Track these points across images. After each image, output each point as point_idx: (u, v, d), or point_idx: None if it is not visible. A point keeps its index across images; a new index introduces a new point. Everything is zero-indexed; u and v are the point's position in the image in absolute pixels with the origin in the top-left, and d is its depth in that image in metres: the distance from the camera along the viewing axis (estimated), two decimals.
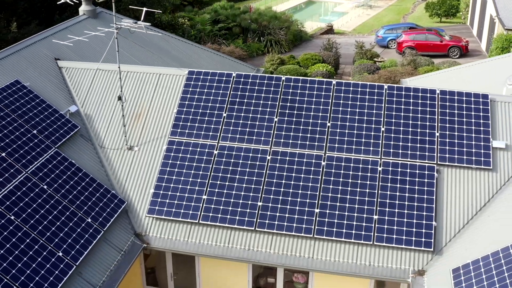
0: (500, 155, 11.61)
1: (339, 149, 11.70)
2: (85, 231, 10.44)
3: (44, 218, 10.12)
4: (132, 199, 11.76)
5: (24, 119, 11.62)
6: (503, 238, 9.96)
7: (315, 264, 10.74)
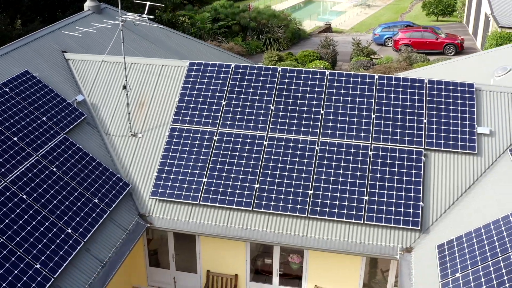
0: (485, 141, 12.26)
1: (332, 135, 12.36)
2: (92, 210, 11.10)
3: (54, 197, 10.78)
4: (136, 182, 12.42)
5: (34, 107, 12.28)
6: (485, 216, 10.61)
7: (309, 242, 11.40)
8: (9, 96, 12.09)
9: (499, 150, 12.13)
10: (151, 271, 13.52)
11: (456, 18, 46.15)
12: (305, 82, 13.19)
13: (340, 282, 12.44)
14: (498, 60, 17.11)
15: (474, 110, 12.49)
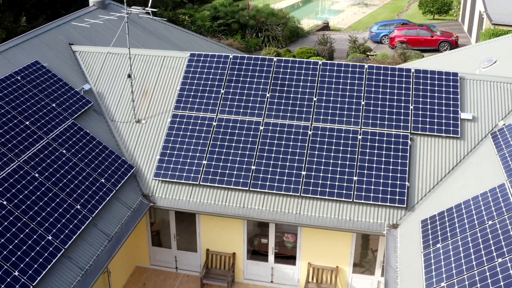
0: (467, 126, 13.04)
1: (324, 120, 13.14)
2: (99, 189, 11.88)
3: (64, 177, 11.56)
4: (140, 165, 13.21)
5: (44, 94, 13.07)
6: (466, 194, 11.38)
7: (302, 219, 12.18)
8: (21, 84, 12.88)
9: (481, 134, 12.90)
10: (154, 251, 14.30)
11: (452, 16, 46.95)
12: (299, 71, 13.98)
13: (332, 259, 13.21)
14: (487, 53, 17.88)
15: (458, 97, 13.27)
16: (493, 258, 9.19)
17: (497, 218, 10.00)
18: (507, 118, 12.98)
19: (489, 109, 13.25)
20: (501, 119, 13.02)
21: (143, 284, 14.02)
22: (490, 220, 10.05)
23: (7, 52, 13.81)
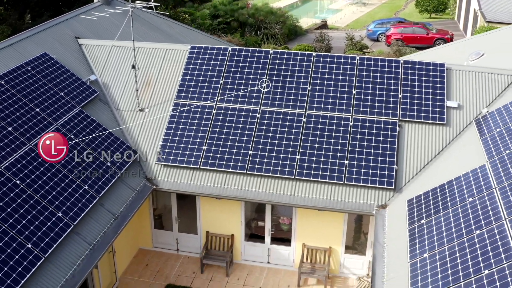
0: (453, 113, 13.78)
1: (317, 108, 13.89)
2: (105, 172, 12.63)
3: (72, 160, 12.31)
4: (143, 150, 13.96)
5: (53, 84, 13.82)
6: (450, 175, 12.11)
7: (296, 200, 12.92)
8: (31, 74, 13.63)
9: (466, 121, 13.63)
10: (156, 233, 15.05)
11: (448, 15, 47.72)
12: (294, 63, 14.73)
13: (325, 240, 13.95)
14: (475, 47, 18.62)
15: (444, 86, 14.01)
16: (472, 231, 9.93)
17: (477, 195, 10.74)
18: (491, 106, 13.72)
19: (474, 97, 13.98)
20: (485, 107, 13.76)
21: (146, 265, 14.77)
22: (471, 197, 10.79)
23: (17, 45, 14.57)
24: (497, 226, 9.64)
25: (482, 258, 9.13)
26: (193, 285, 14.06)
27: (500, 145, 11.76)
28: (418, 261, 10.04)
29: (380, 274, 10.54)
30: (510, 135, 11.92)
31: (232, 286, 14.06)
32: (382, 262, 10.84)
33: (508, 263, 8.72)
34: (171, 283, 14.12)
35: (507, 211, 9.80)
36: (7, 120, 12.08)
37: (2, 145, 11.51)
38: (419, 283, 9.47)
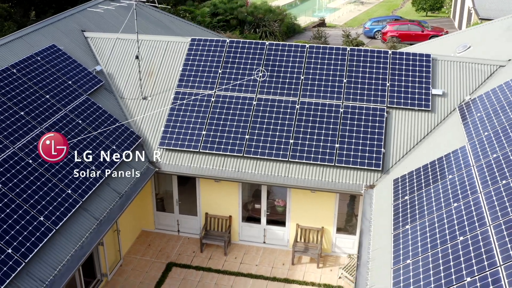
0: (438, 100, 14.62)
1: (310, 95, 14.74)
2: (112, 154, 13.48)
3: (80, 142, 13.16)
4: (146, 136, 14.81)
5: (61, 73, 14.67)
6: (433, 156, 12.95)
7: (289, 181, 13.76)
8: (41, 63, 14.48)
9: (450, 108, 14.47)
10: (158, 216, 15.89)
11: (444, 13, 48.58)
12: (288, 53, 15.58)
13: (318, 221, 14.78)
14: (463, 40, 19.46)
15: (429, 75, 14.85)
16: (450, 204, 10.76)
17: (457, 173, 11.58)
18: (474, 94, 14.55)
19: (458, 86, 14.82)
20: (468, 94, 14.60)
21: (148, 245, 15.61)
22: (450, 174, 11.64)
23: (27, 37, 15.43)
24: (473, 199, 10.47)
25: (458, 224, 9.97)
26: (193, 263, 14.90)
27: (480, 128, 12.60)
28: (400, 232, 10.89)
29: (366, 246, 11.38)
30: (489, 119, 12.76)
31: (230, 264, 14.90)
32: (368, 235, 11.67)
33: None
34: (172, 261, 14.97)
35: (483, 186, 10.64)
36: (19, 105, 12.94)
37: (20, 125, 12.36)
38: (401, 251, 10.32)
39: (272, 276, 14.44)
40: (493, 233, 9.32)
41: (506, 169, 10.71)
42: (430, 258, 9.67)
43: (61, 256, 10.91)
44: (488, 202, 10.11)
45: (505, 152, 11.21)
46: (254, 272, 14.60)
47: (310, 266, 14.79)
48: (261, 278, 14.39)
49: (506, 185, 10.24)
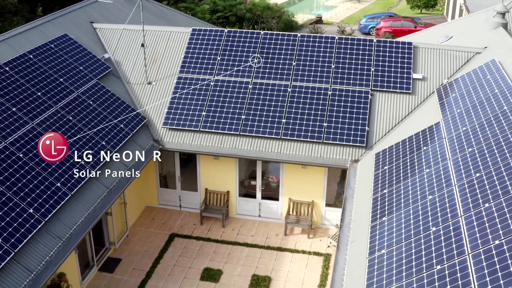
0: (418, 84, 15.94)
1: (301, 80, 16.07)
2: (120, 131, 14.81)
3: (91, 121, 14.50)
4: (151, 117, 16.14)
5: (73, 59, 16.01)
6: (411, 133, 14.26)
7: (282, 156, 15.09)
8: (54, 50, 15.82)
9: (429, 90, 15.79)
10: (161, 192, 17.22)
11: (438, 10, 49.91)
12: (282, 42, 16.91)
13: (309, 195, 16.09)
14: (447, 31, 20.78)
15: (411, 61, 16.18)
16: (423, 170, 12.09)
17: (431, 144, 12.91)
18: (451, 78, 15.87)
19: (437, 70, 16.14)
20: (446, 78, 15.92)
21: (152, 219, 16.95)
22: (425, 146, 12.96)
23: (41, 27, 16.77)
24: (443, 164, 11.80)
25: (428, 187, 11.31)
26: (193, 234, 16.23)
27: (453, 106, 13.92)
28: (378, 196, 12.21)
29: (349, 210, 12.69)
30: (462, 98, 14.07)
31: (227, 235, 16.22)
32: (351, 201, 12.99)
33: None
34: (175, 233, 16.30)
35: (452, 153, 11.96)
36: (36, 87, 14.28)
37: (38, 104, 13.70)
38: (378, 210, 11.64)
39: (266, 245, 15.76)
40: (458, 192, 10.64)
41: (473, 140, 12.03)
42: (403, 215, 10.99)
43: (76, 218, 12.24)
44: (455, 167, 11.42)
45: (473, 126, 12.53)
46: (249, 241, 15.93)
47: (301, 237, 16.11)
48: (256, 247, 15.71)
49: (472, 152, 11.56)
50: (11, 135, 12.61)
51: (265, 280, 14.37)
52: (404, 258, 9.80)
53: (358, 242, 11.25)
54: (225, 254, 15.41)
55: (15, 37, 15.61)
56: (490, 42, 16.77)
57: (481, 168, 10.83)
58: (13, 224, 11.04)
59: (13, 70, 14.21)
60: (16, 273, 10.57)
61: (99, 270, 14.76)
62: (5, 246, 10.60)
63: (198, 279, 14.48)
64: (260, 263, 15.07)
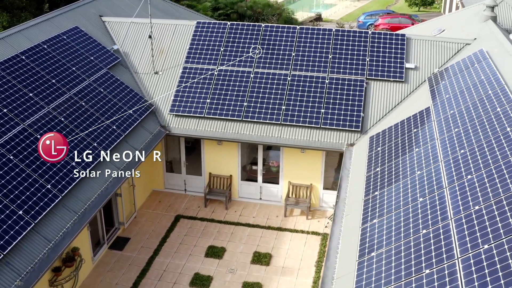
0: (411, 73, 16.84)
1: (300, 69, 16.98)
2: (129, 117, 15.73)
3: (103, 106, 15.41)
4: (158, 104, 17.06)
5: (84, 50, 16.93)
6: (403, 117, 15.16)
7: (282, 140, 16.00)
8: (66, 41, 16.74)
9: (421, 79, 16.69)
10: (167, 176, 18.13)
11: (435, 8, 50.83)
12: (281, 34, 17.82)
13: (307, 179, 16.99)
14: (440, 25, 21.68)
15: (404, 51, 17.08)
16: (412, 150, 12.99)
17: (420, 127, 13.81)
18: (442, 67, 16.76)
19: (429, 60, 17.04)
20: (437, 67, 16.81)
21: (159, 202, 17.85)
22: (415, 128, 13.86)
23: (53, 19, 17.69)
24: (431, 144, 12.71)
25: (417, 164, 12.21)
26: (198, 216, 17.14)
27: (443, 92, 14.83)
28: (372, 174, 13.12)
29: (344, 187, 13.60)
30: (451, 85, 14.97)
31: (230, 216, 17.13)
32: (346, 180, 13.90)
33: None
34: (180, 214, 17.20)
35: (440, 133, 12.87)
36: (51, 74, 15.19)
37: (53, 90, 14.61)
38: (371, 186, 12.55)
39: (267, 226, 16.67)
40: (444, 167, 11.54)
41: (459, 122, 12.92)
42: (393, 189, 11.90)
43: (90, 194, 13.15)
44: (442, 146, 12.33)
45: (460, 109, 13.43)
46: (251, 222, 16.83)
47: (300, 218, 17.01)
48: (257, 227, 16.62)
49: (458, 133, 12.46)
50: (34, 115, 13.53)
51: (266, 256, 15.26)
52: (393, 226, 10.70)
53: (352, 215, 12.15)
54: (228, 234, 16.31)
55: (30, 29, 16.53)
56: (480, 34, 17.68)
57: (465, 145, 11.74)
58: (33, 198, 11.95)
59: (29, 59, 15.13)
60: (37, 242, 11.48)
61: (109, 248, 15.67)
62: (26, 217, 11.51)
63: (203, 256, 15.38)
64: (261, 242, 15.97)
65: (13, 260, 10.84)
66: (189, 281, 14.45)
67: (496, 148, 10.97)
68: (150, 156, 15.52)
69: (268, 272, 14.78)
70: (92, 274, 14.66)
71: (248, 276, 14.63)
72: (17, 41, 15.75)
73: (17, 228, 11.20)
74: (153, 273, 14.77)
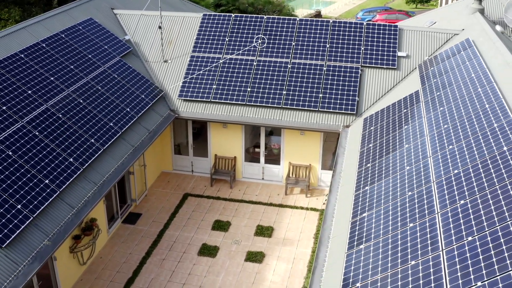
0: (402, 61, 18.09)
1: (299, 57, 18.23)
2: (142, 101, 16.98)
3: (116, 92, 16.66)
4: (167, 90, 18.31)
5: (98, 39, 18.19)
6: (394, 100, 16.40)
7: (283, 123, 17.25)
8: (82, 31, 18.00)
9: (412, 66, 17.94)
10: (175, 158, 19.39)
11: (433, 5, 52.06)
12: (282, 25, 19.08)
13: (306, 159, 18.25)
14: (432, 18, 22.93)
15: (396, 41, 18.32)
16: (402, 127, 14.24)
17: (410, 107, 15.06)
18: (432, 55, 18.01)
19: (420, 49, 18.28)
20: (427, 55, 18.06)
21: (168, 182, 19.11)
22: (405, 109, 15.12)
23: (69, 11, 18.94)
24: (418, 122, 13.96)
25: (405, 137, 13.47)
26: (204, 194, 18.40)
27: (431, 77, 16.08)
28: (365, 149, 14.37)
29: (340, 162, 14.85)
30: (439, 71, 16.22)
31: (234, 194, 18.39)
32: (342, 156, 15.15)
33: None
34: (188, 193, 18.46)
35: (427, 117, 14.11)
36: (69, 61, 16.45)
37: (71, 75, 15.87)
38: (364, 159, 13.80)
39: (269, 203, 17.93)
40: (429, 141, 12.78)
41: (444, 102, 14.17)
42: (384, 161, 13.15)
43: (107, 168, 14.40)
44: (428, 123, 13.58)
45: (445, 91, 14.69)
46: (254, 199, 18.09)
47: (300, 196, 18.27)
48: (260, 204, 17.88)
49: (443, 112, 13.72)
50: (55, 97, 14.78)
51: (268, 229, 16.52)
52: (383, 193, 11.95)
53: (347, 185, 13.40)
54: (233, 210, 17.57)
55: (48, 19, 17.78)
56: (467, 25, 18.92)
57: (448, 121, 12.99)
58: (57, 169, 13.21)
59: (49, 47, 16.39)
60: (62, 208, 12.74)
61: (123, 222, 16.93)
62: (52, 186, 12.77)
63: (210, 229, 16.64)
64: (264, 217, 17.23)
65: (42, 223, 12.10)
66: (197, 250, 15.71)
67: (476, 124, 12.23)
68: (159, 140, 16.79)
69: (270, 243, 16.04)
70: (108, 245, 15.92)
71: (251, 246, 15.90)
72: (36, 30, 17.01)
73: (44, 194, 12.46)
74: (164, 244, 16.04)
